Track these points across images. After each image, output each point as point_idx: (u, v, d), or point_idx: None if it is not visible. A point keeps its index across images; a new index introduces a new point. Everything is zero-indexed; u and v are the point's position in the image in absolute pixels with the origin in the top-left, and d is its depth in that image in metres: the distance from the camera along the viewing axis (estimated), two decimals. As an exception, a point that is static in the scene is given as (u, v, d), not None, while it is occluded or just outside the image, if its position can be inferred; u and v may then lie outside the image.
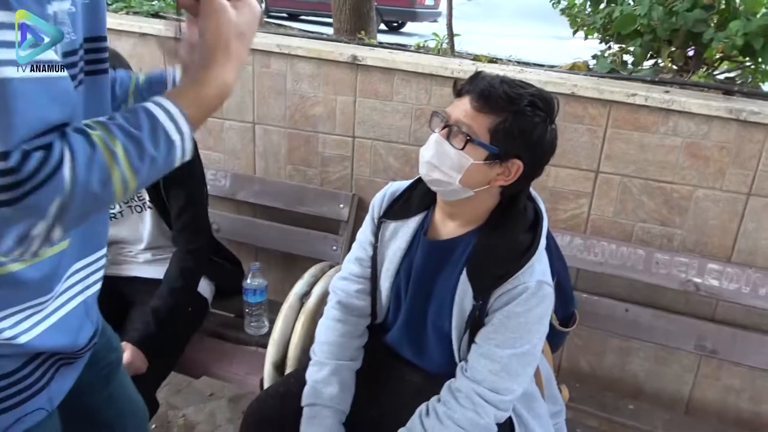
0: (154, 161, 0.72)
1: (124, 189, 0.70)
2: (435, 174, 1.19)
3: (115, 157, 0.67)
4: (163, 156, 0.73)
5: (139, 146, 0.70)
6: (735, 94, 1.92)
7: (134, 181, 0.70)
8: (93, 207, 0.70)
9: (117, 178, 0.68)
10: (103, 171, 0.67)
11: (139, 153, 0.70)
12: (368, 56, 2.02)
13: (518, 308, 1.17)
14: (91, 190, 0.66)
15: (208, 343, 1.92)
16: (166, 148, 0.73)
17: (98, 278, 0.97)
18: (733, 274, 1.71)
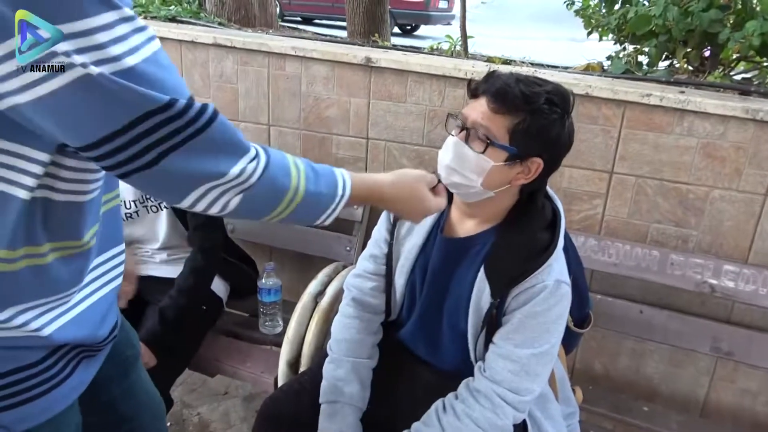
0: (319, 196, 0.87)
1: (289, 201, 0.82)
2: (455, 178, 1.19)
3: (298, 171, 0.83)
4: (325, 199, 0.88)
5: (316, 177, 0.86)
6: (752, 94, 1.90)
7: (299, 200, 0.83)
8: (265, 203, 0.81)
9: (292, 188, 0.81)
10: (286, 176, 0.80)
11: (315, 180, 0.85)
12: (382, 58, 2.03)
13: (537, 308, 1.17)
14: (274, 183, 0.79)
15: (222, 341, 1.94)
16: (329, 197, 0.88)
17: (118, 273, 1.00)
18: (749, 275, 1.69)
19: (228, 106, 2.32)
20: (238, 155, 0.76)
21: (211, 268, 1.81)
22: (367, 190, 0.98)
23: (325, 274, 1.87)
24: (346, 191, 0.91)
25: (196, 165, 0.71)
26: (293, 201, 0.83)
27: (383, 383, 1.41)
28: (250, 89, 2.27)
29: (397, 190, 1.04)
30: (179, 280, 1.74)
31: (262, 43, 2.19)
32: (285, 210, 0.83)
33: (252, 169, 0.76)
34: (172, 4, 3.06)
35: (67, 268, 0.83)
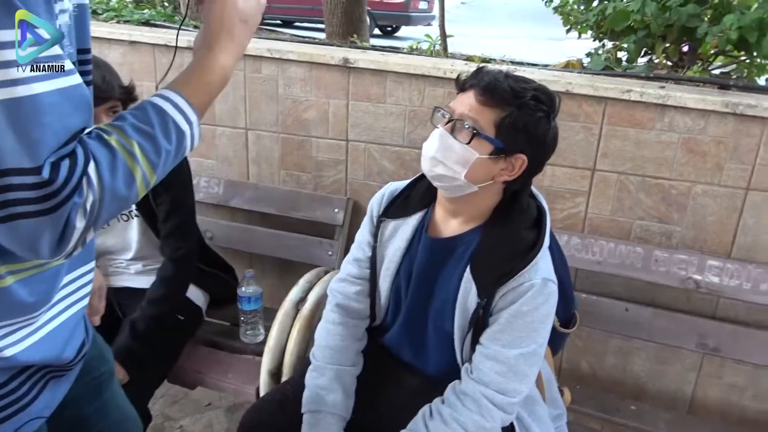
0: (169, 154, 0.75)
1: (145, 186, 0.73)
2: (439, 169, 1.17)
3: (134, 157, 0.70)
4: (176, 147, 0.76)
5: (154, 142, 0.73)
6: (731, 88, 1.90)
7: (153, 177, 0.73)
8: (120, 207, 0.73)
9: (139, 177, 0.71)
10: (126, 173, 0.70)
11: (154, 149, 0.73)
12: (360, 59, 2.00)
13: (525, 307, 1.15)
14: (117, 192, 0.69)
15: (202, 352, 1.89)
16: (178, 140, 0.76)
17: (88, 292, 0.96)
18: (733, 270, 1.68)
19: (204, 110, 2.26)
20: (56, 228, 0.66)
21: (184, 277, 1.75)
22: (198, 84, 0.81)
23: (307, 280, 1.82)
24: (190, 118, 0.78)
25: None
26: (149, 181, 0.73)
27: (368, 390, 1.38)
28: (226, 93, 2.22)
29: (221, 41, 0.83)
30: (149, 291, 1.68)
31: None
32: (146, 188, 0.74)
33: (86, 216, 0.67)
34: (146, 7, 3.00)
35: (30, 289, 0.78)
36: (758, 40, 1.94)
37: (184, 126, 0.76)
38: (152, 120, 0.73)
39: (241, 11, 0.82)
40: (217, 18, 0.82)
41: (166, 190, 1.68)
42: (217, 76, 0.81)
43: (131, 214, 1.77)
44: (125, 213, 1.78)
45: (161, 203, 1.69)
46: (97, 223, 0.69)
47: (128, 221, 1.79)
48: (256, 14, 0.85)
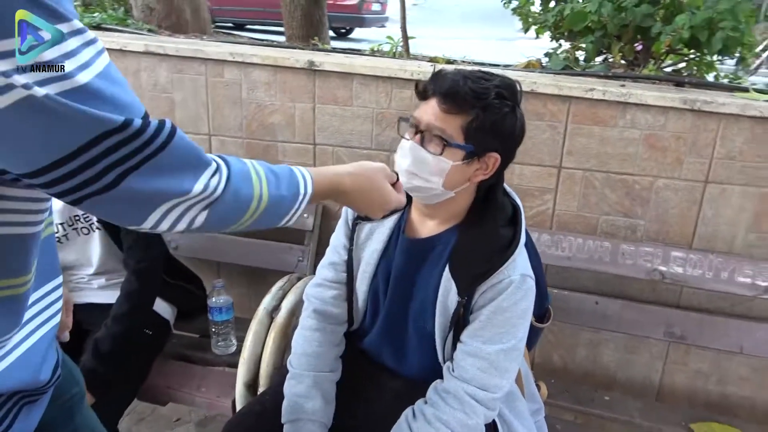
0: (282, 199, 0.83)
1: (254, 210, 0.79)
2: (416, 181, 1.17)
3: (259, 177, 0.79)
4: (288, 202, 0.84)
5: (278, 181, 0.83)
6: (685, 85, 1.97)
7: (264, 206, 0.80)
8: (231, 214, 0.77)
9: (255, 197, 0.78)
10: (249, 185, 0.77)
11: (276, 184, 0.82)
12: (325, 61, 1.98)
13: (504, 303, 1.16)
14: (238, 194, 0.75)
15: (172, 366, 1.83)
16: (292, 199, 0.85)
17: (58, 309, 0.91)
18: (696, 260, 1.75)
19: (164, 116, 2.19)
20: (199, 171, 0.71)
21: (149, 290, 1.69)
22: (328, 183, 0.95)
23: (280, 288, 1.79)
24: (308, 189, 0.88)
25: (158, 185, 0.67)
26: (258, 208, 0.79)
27: (348, 396, 1.37)
28: (186, 98, 2.16)
29: (357, 181, 0.99)
30: (114, 307, 1.61)
31: (197, 50, 2.09)
32: (251, 217, 0.80)
33: (215, 183, 0.73)
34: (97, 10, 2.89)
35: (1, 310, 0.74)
36: (708, 38, 2.02)
37: (302, 190, 0.87)
38: (282, 171, 0.85)
39: (381, 204, 1.05)
40: (368, 203, 1.03)
41: None
42: (335, 195, 0.98)
43: (92, 227, 1.70)
44: (86, 226, 1.70)
45: None
46: (211, 214, 0.74)
47: (89, 234, 1.71)
48: (382, 209, 1.06)
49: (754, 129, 1.69)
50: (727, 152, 1.74)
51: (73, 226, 1.70)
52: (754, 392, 1.92)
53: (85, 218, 1.69)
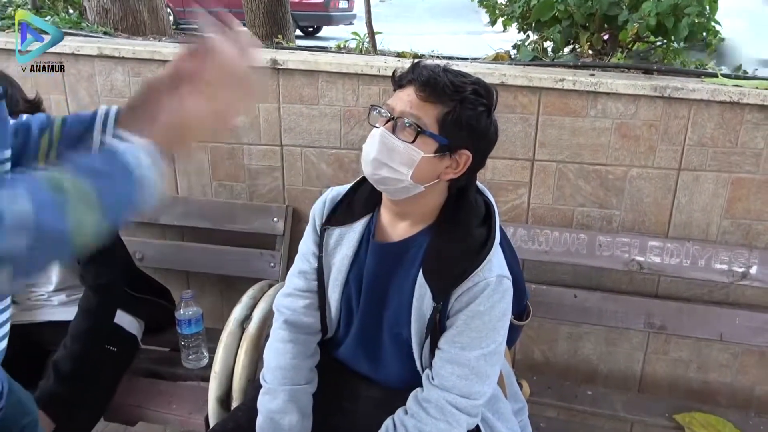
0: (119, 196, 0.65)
1: (93, 231, 0.63)
2: (383, 171, 1.11)
3: (80, 196, 0.60)
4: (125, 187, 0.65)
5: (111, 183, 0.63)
6: (654, 72, 1.96)
7: (105, 221, 0.63)
8: (58, 250, 0.62)
9: (82, 219, 0.61)
10: (62, 210, 0.59)
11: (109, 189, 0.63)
12: (289, 59, 1.91)
13: (481, 306, 1.12)
14: (55, 230, 0.58)
15: (142, 384, 1.75)
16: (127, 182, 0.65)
17: (5, 333, 0.83)
18: (672, 249, 1.74)
19: (122, 122, 2.10)
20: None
21: (108, 306, 1.61)
22: None
23: (250, 296, 1.72)
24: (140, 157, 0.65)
25: None
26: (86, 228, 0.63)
27: (326, 407, 1.32)
28: (145, 102, 2.07)
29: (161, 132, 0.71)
30: (71, 326, 1.53)
31: (154, 51, 2.00)
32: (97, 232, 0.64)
33: None
34: (48, 14, 2.77)
35: None
36: (675, 24, 2.01)
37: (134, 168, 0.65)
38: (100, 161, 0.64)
39: (198, 134, 0.71)
40: (172, 126, 0.69)
41: None
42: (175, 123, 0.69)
43: None
44: None
45: None
46: (30, 265, 0.59)
47: (46, 249, 1.62)
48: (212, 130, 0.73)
49: (724, 114, 1.69)
50: (699, 138, 1.72)
51: None
52: (734, 378, 1.92)
53: None
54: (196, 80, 0.69)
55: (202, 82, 0.69)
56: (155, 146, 0.66)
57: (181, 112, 0.69)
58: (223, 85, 0.70)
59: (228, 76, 0.70)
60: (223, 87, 0.70)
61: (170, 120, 0.69)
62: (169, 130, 0.69)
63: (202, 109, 0.69)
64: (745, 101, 1.64)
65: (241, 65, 0.71)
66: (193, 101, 0.69)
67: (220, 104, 0.70)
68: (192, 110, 0.69)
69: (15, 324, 1.69)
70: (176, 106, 0.69)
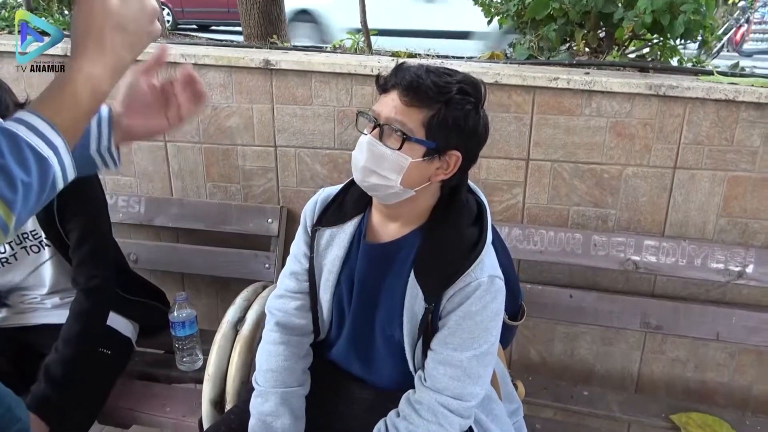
0: (29, 186, 0.61)
1: (2, 228, 0.60)
2: (372, 179, 1.11)
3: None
4: (38, 177, 0.62)
5: (6, 175, 0.59)
6: (649, 70, 1.95)
7: (11, 217, 0.60)
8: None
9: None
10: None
11: (7, 183, 0.59)
12: (282, 60, 1.90)
13: (473, 307, 1.12)
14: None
15: (136, 387, 1.75)
16: (40, 169, 0.62)
17: None
18: (668, 248, 1.72)
19: (116, 124, 2.10)
20: None
21: (101, 309, 1.59)
22: (60, 100, 0.67)
23: (244, 298, 1.71)
24: (53, 141, 0.64)
25: None
26: (6, 223, 0.61)
27: (319, 409, 1.31)
28: (139, 104, 2.06)
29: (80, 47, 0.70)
30: (63, 329, 1.52)
31: (147, 52, 1.98)
32: (7, 230, 0.61)
33: None
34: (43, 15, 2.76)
35: None
36: (671, 22, 1.99)
37: (46, 151, 0.63)
38: (2, 148, 0.60)
39: (115, 15, 0.68)
40: (83, 23, 0.68)
41: (76, 215, 1.52)
42: (83, 89, 0.66)
43: (42, 244, 1.60)
44: (35, 243, 1.60)
45: (71, 230, 1.53)
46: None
47: (39, 252, 1.61)
48: (137, 20, 0.71)
49: (719, 112, 1.67)
50: (694, 137, 1.71)
51: (22, 244, 1.60)
52: (731, 378, 1.91)
53: (34, 235, 1.59)
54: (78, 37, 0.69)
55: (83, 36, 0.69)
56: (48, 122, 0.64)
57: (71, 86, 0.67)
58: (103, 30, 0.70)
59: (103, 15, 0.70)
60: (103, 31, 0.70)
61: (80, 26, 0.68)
62: (82, 33, 0.68)
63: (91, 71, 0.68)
64: (740, 99, 1.63)
65: None
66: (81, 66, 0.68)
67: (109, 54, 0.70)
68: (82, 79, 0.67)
69: (8, 327, 1.71)
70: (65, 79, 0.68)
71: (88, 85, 0.67)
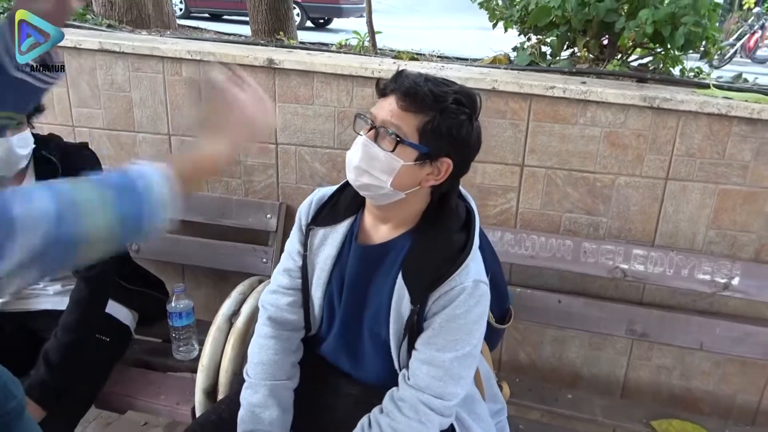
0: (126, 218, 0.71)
1: (104, 238, 0.68)
2: (365, 178, 1.15)
3: (95, 204, 0.67)
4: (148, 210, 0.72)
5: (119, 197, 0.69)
6: (648, 81, 1.97)
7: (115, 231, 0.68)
8: (67, 253, 0.66)
9: (93, 225, 0.66)
10: (78, 215, 0.65)
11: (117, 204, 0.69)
12: (285, 59, 1.94)
13: (458, 310, 1.15)
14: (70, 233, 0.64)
15: (132, 374, 1.80)
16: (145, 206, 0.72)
17: None
18: (657, 257, 1.75)
19: (123, 116, 2.15)
20: None
21: (99, 297, 1.64)
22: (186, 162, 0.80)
23: (240, 292, 1.76)
24: (152, 178, 0.73)
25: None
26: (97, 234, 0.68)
27: (307, 403, 1.35)
28: (145, 97, 2.11)
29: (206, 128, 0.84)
30: (63, 317, 1.57)
31: (154, 47, 2.03)
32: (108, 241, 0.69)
33: None
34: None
35: None
36: (671, 33, 2.01)
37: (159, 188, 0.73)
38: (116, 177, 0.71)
39: (246, 121, 0.83)
40: (220, 117, 0.82)
41: None
42: (209, 159, 0.81)
43: None
44: None
45: None
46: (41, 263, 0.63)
47: (42, 240, 1.66)
48: (262, 126, 0.87)
49: (712, 126, 1.70)
50: (687, 149, 1.74)
51: None
52: (716, 387, 1.94)
53: None
54: (211, 126, 0.83)
55: (217, 127, 0.83)
56: (172, 171, 0.75)
57: (199, 153, 0.81)
58: (235, 129, 0.84)
59: (240, 120, 0.84)
60: (235, 130, 0.84)
61: (191, 158, 0.81)
62: (189, 165, 0.80)
63: (217, 150, 0.82)
64: (733, 114, 1.65)
65: (250, 111, 0.85)
66: (210, 144, 0.82)
67: (232, 144, 0.84)
68: (209, 152, 0.81)
69: (10, 312, 1.76)
70: (196, 149, 0.82)
71: (213, 157, 0.82)
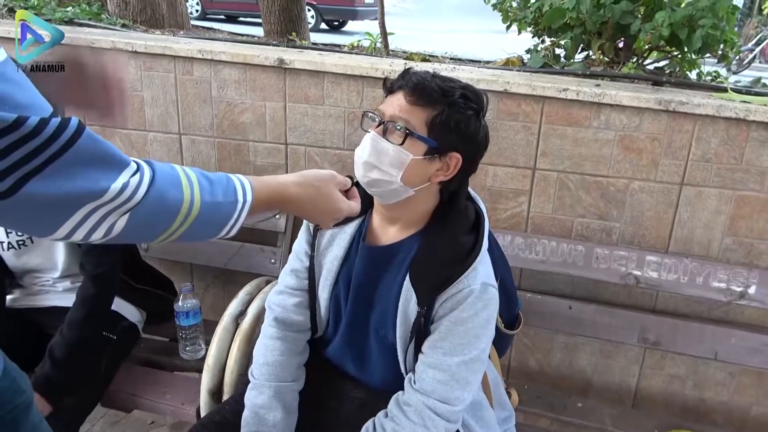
0: (218, 206, 0.78)
1: (185, 216, 0.73)
2: (374, 174, 1.13)
3: (190, 181, 0.74)
4: (225, 209, 0.79)
5: (212, 186, 0.77)
6: (664, 84, 1.93)
7: (195, 213, 0.74)
8: (156, 220, 0.72)
9: (185, 201, 0.73)
10: (177, 188, 0.72)
11: (210, 190, 0.77)
12: (296, 59, 1.93)
13: (465, 313, 1.13)
14: (164, 197, 0.70)
15: (138, 372, 1.80)
16: (228, 206, 0.80)
17: None
18: (671, 264, 1.71)
19: (134, 115, 2.15)
20: (116, 170, 0.66)
21: (106, 295, 1.64)
22: (271, 191, 0.89)
23: (246, 292, 1.75)
24: (247, 197, 0.82)
25: (68, 187, 0.61)
26: (189, 215, 0.74)
27: (312, 405, 1.34)
28: (156, 96, 2.12)
29: (302, 189, 0.94)
30: (69, 313, 1.58)
31: (166, 47, 2.04)
32: (181, 226, 0.74)
33: (136, 183, 0.67)
34: (70, 4, 2.83)
35: None
36: (688, 35, 1.97)
37: (240, 197, 0.82)
38: (214, 179, 0.79)
39: (331, 212, 0.99)
40: (321, 201, 0.96)
41: None
42: (278, 203, 0.92)
43: None
44: None
45: None
46: (132, 219, 0.68)
47: (53, 237, 1.67)
48: (331, 218, 1.01)
49: (729, 130, 1.66)
50: (703, 154, 1.70)
51: None
52: (731, 398, 1.90)
53: None
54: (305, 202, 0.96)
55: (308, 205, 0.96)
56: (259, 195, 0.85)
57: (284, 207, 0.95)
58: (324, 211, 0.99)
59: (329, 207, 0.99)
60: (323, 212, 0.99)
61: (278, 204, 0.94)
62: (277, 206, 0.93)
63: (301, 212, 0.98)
64: (751, 118, 1.61)
65: (339, 204, 0.99)
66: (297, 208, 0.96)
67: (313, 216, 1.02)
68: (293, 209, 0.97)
69: (20, 308, 1.77)
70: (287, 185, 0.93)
71: (281, 206, 0.93)
